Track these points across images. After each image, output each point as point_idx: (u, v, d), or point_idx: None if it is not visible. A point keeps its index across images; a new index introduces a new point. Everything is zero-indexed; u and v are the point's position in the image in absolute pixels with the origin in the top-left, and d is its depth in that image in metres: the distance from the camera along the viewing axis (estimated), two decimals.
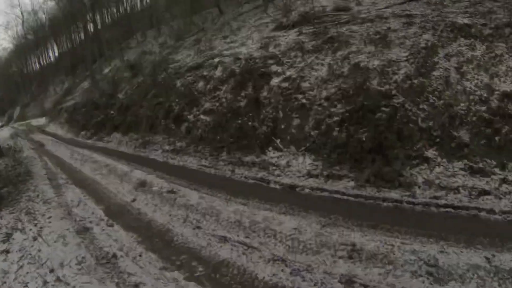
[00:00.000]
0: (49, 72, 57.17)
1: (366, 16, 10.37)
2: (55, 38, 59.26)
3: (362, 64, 8.20)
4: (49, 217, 7.18)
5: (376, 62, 8.07)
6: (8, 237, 6.45)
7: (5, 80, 65.45)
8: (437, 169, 5.99)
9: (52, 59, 63.64)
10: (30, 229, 6.66)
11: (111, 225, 6.36)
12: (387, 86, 7.34)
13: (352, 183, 6.44)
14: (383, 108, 6.84)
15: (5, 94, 67.19)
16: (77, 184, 9.49)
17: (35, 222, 7.05)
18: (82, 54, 45.59)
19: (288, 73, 9.46)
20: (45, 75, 58.02)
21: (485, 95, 6.53)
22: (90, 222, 6.64)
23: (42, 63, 64.56)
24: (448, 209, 5.17)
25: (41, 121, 35.04)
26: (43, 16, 56.38)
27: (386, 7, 10.67)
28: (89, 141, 17.01)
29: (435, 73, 7.26)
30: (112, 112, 17.07)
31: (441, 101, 6.69)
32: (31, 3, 54.79)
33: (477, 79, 6.87)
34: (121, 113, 16.16)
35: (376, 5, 11.19)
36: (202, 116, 10.82)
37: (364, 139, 6.68)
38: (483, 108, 6.35)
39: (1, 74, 64.89)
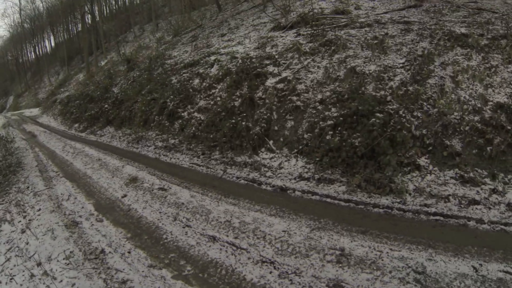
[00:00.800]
0: (44, 62, 56.89)
1: (364, 20, 10.45)
2: (52, 28, 58.99)
3: (358, 69, 8.27)
4: (39, 210, 7.13)
5: (373, 68, 8.15)
6: None
7: None
8: (429, 177, 6.03)
9: (48, 49, 63.44)
10: (19, 221, 6.63)
11: (101, 220, 6.31)
12: (382, 92, 7.41)
13: (343, 188, 6.44)
14: (377, 114, 6.86)
15: None
16: (68, 177, 9.39)
17: (24, 214, 7.01)
18: (78, 45, 45.40)
19: (284, 74, 9.48)
20: (40, 65, 57.74)
21: (479, 105, 6.58)
22: (80, 216, 6.59)
23: (38, 53, 64.15)
24: (438, 217, 5.18)
25: (35, 111, 34.75)
26: (41, 4, 55.97)
27: (385, 13, 10.74)
28: (82, 134, 16.84)
29: (431, 81, 7.32)
30: (106, 106, 16.98)
31: (435, 109, 6.75)
32: None
33: (472, 89, 6.94)
34: (115, 107, 16.09)
35: (375, 10, 11.29)
36: (196, 114, 10.79)
37: (357, 144, 6.67)
38: (476, 118, 6.40)
39: None
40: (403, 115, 6.81)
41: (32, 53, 65.69)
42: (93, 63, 32.58)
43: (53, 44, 61.49)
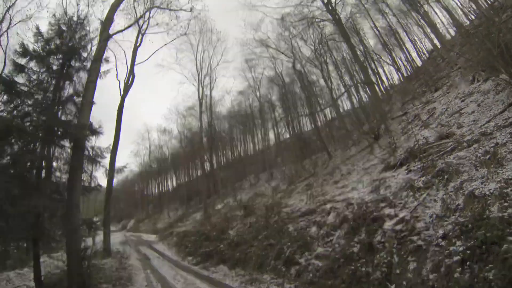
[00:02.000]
0: (165, 198, 65.18)
1: (470, 138, 10.33)
2: (175, 171, 70.14)
3: (477, 192, 7.84)
4: None
5: (492, 186, 7.65)
6: None
7: (127, 196, 77.98)
8: None
9: (170, 187, 73.93)
10: None
11: None
12: (509, 210, 6.76)
13: None
14: (509, 237, 6.21)
15: (125, 206, 79.26)
16: None
17: None
18: (197, 188, 50.83)
19: (401, 215, 9.45)
20: (162, 200, 66.65)
21: None
22: None
23: (160, 189, 74.91)
24: None
25: (152, 237, 37.94)
26: (167, 151, 68.14)
27: (487, 122, 10.58)
28: (194, 267, 17.60)
29: None
30: (221, 246, 18.24)
31: None
32: (158, 139, 68.82)
33: None
34: (230, 249, 17.20)
35: (477, 123, 11.11)
36: (314, 261, 11.16)
37: (491, 277, 5.99)
38: None
39: (125, 190, 77.23)
40: None
41: (156, 188, 77.07)
42: (210, 205, 35.58)
43: (174, 184, 71.57)
